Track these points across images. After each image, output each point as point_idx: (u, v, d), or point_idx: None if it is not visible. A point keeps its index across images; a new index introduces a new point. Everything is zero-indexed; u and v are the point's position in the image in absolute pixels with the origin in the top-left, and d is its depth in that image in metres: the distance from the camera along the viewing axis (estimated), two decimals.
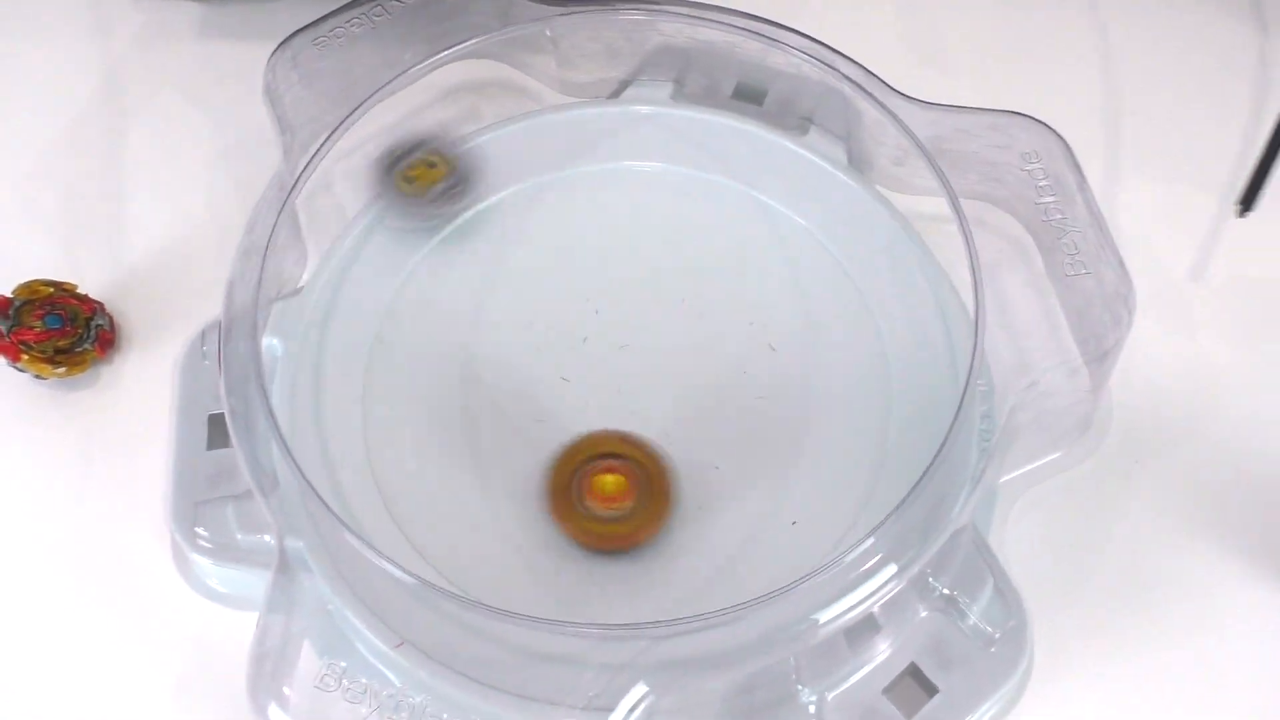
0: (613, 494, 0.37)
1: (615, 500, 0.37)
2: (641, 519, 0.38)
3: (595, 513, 0.38)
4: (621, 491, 0.38)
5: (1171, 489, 0.41)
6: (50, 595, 0.41)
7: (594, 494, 0.38)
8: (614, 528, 0.38)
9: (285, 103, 0.43)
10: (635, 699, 0.33)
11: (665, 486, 0.38)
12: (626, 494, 0.38)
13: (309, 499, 0.36)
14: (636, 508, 0.38)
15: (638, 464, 0.38)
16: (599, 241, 0.45)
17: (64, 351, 0.44)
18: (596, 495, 0.37)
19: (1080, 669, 0.38)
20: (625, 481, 0.38)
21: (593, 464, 0.38)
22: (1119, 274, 0.37)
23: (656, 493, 0.38)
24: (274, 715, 0.34)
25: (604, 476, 0.38)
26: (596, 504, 0.37)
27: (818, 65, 0.43)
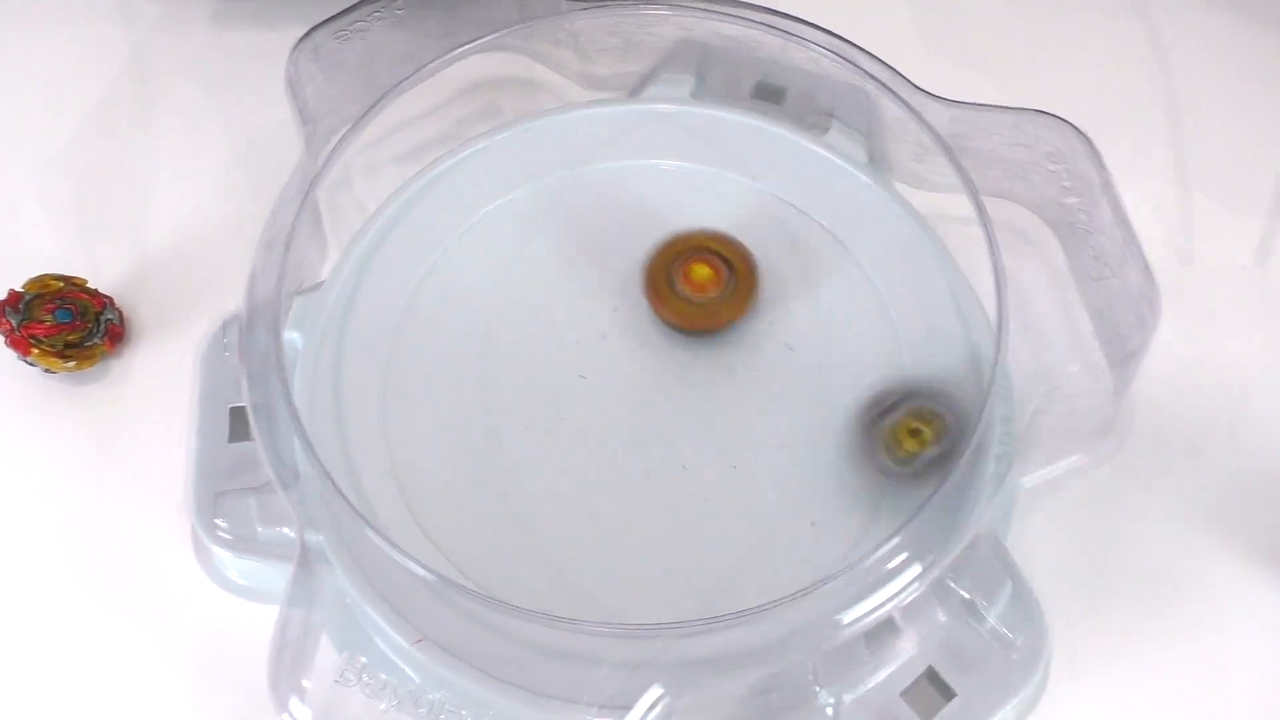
0: (703, 282, 0.42)
1: (705, 288, 0.42)
2: (728, 305, 0.42)
3: (688, 297, 0.42)
4: (711, 281, 0.42)
5: (1194, 493, 0.41)
6: (64, 588, 0.41)
7: (688, 280, 0.42)
8: (703, 309, 0.42)
9: (307, 94, 0.43)
10: (652, 699, 0.33)
11: (750, 279, 0.42)
12: (715, 283, 0.42)
13: (330, 494, 0.36)
14: (723, 295, 0.42)
15: (724, 259, 0.42)
16: (618, 239, 0.45)
17: (74, 346, 0.44)
18: (690, 282, 0.42)
19: (1098, 673, 0.38)
20: (713, 272, 0.42)
21: (687, 256, 0.42)
22: (1144, 276, 0.37)
23: (741, 283, 0.42)
24: (295, 708, 0.34)
25: (697, 265, 0.42)
26: (689, 290, 0.42)
27: (840, 62, 0.43)
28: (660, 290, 0.42)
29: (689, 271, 0.42)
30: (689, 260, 0.42)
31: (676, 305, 0.42)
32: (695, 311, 0.42)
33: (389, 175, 0.46)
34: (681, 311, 0.42)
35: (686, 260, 0.42)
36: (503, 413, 0.41)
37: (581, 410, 0.41)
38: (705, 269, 0.42)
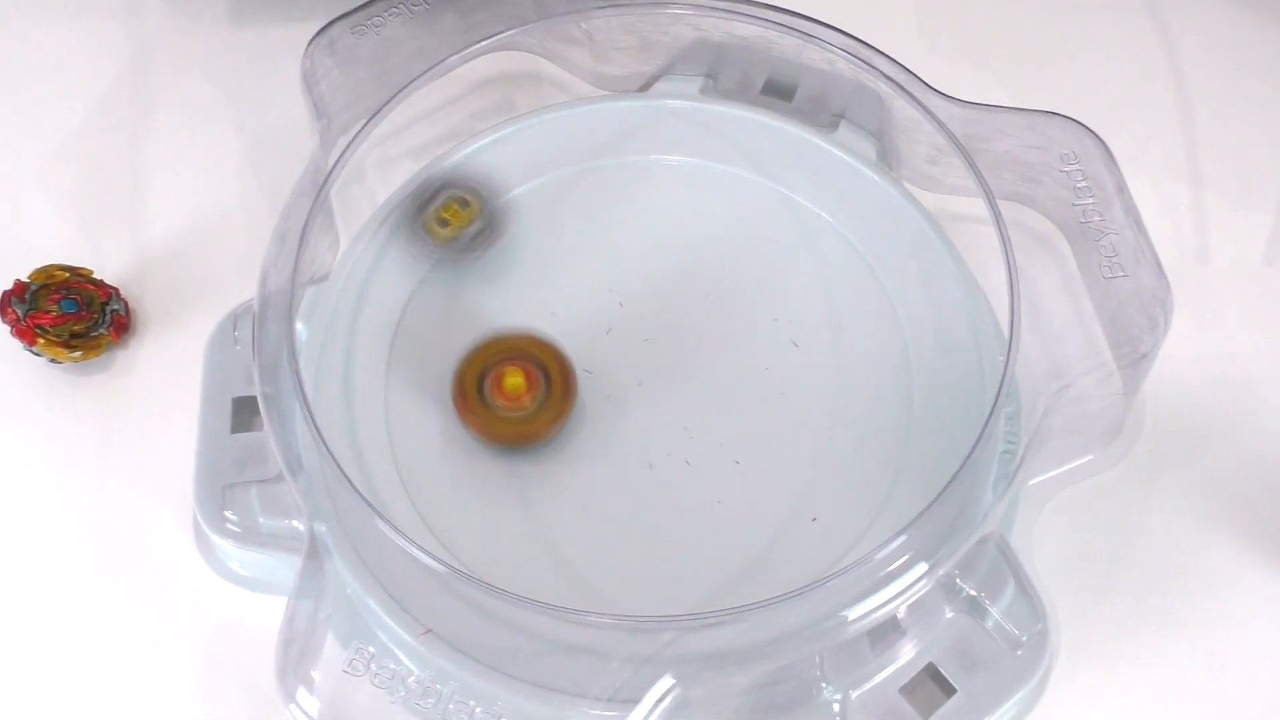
0: (514, 392, 0.39)
1: (518, 398, 0.39)
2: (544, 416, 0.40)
3: (500, 410, 0.40)
4: (523, 390, 0.39)
5: (1202, 495, 0.41)
6: (68, 579, 0.41)
7: (500, 392, 0.39)
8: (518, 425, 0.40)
9: (322, 88, 0.43)
10: (662, 691, 0.33)
11: (567, 385, 0.40)
12: (528, 392, 0.39)
13: (337, 485, 0.36)
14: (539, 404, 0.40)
15: (539, 364, 0.40)
16: (625, 234, 0.45)
17: (79, 336, 0.44)
18: (502, 393, 0.39)
19: (1102, 671, 0.38)
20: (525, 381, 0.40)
21: (498, 364, 0.40)
22: (1157, 277, 0.37)
23: (557, 391, 0.40)
24: (302, 699, 0.34)
25: (509, 375, 0.40)
26: (501, 401, 0.39)
27: (854, 62, 0.43)
28: (470, 401, 0.39)
29: (501, 380, 0.39)
30: (502, 367, 0.39)
31: (487, 418, 0.39)
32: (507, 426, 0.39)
33: (401, 168, 0.46)
34: (493, 426, 0.39)
35: (499, 368, 0.39)
36: None
37: (586, 405, 0.41)
38: (518, 378, 0.39)
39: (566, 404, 0.40)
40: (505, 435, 0.40)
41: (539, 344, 0.40)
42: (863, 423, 0.41)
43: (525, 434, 0.40)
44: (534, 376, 0.39)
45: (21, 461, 0.43)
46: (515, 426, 0.39)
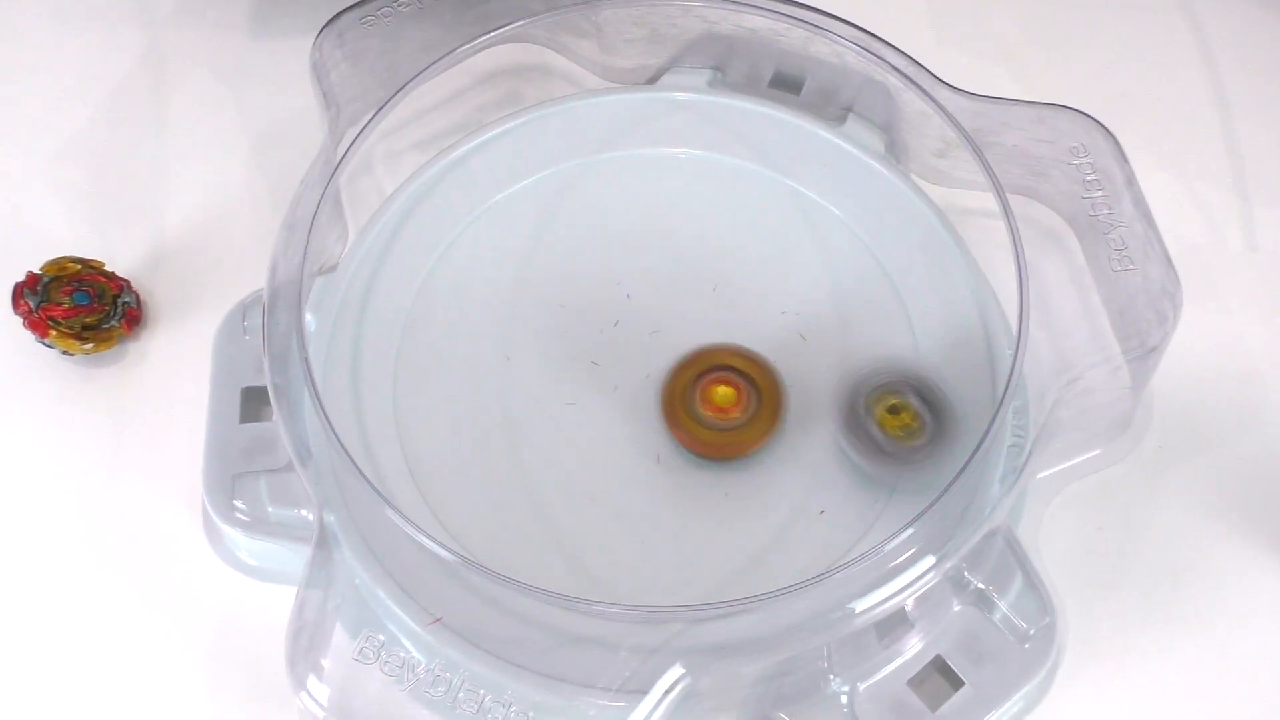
0: (724, 405, 0.39)
1: (727, 411, 0.39)
2: (752, 430, 0.39)
3: (708, 421, 0.39)
4: (732, 403, 0.39)
5: (1210, 488, 0.41)
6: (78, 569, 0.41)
7: (708, 403, 0.39)
8: (725, 436, 0.39)
9: (331, 79, 0.43)
10: (671, 681, 0.33)
11: (776, 400, 0.40)
12: (737, 405, 0.39)
13: (346, 474, 0.36)
14: (747, 418, 0.39)
15: (749, 378, 0.40)
16: (633, 227, 0.45)
17: (91, 328, 0.44)
18: (710, 405, 0.39)
19: (1109, 664, 0.38)
20: (736, 394, 0.39)
21: (708, 376, 0.40)
22: (1166, 271, 0.37)
23: (766, 405, 0.40)
24: (313, 687, 0.34)
25: (718, 387, 0.39)
26: (710, 413, 0.39)
27: (863, 55, 0.43)
28: (678, 415, 0.39)
29: (709, 393, 0.39)
30: (709, 381, 0.39)
31: (697, 431, 0.39)
32: (718, 438, 0.39)
33: (409, 161, 0.47)
34: (703, 438, 0.39)
35: (707, 380, 0.39)
36: (516, 397, 0.41)
37: (593, 396, 0.41)
38: (727, 390, 0.39)
39: (776, 418, 0.39)
40: (713, 447, 0.39)
41: (748, 357, 0.40)
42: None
43: (734, 446, 0.39)
44: (742, 389, 0.39)
45: (33, 453, 0.43)
46: (724, 437, 0.39)
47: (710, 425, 0.39)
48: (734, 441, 0.39)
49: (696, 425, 0.39)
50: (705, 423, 0.39)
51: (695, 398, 0.39)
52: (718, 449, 0.40)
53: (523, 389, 0.42)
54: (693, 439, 0.39)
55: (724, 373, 0.40)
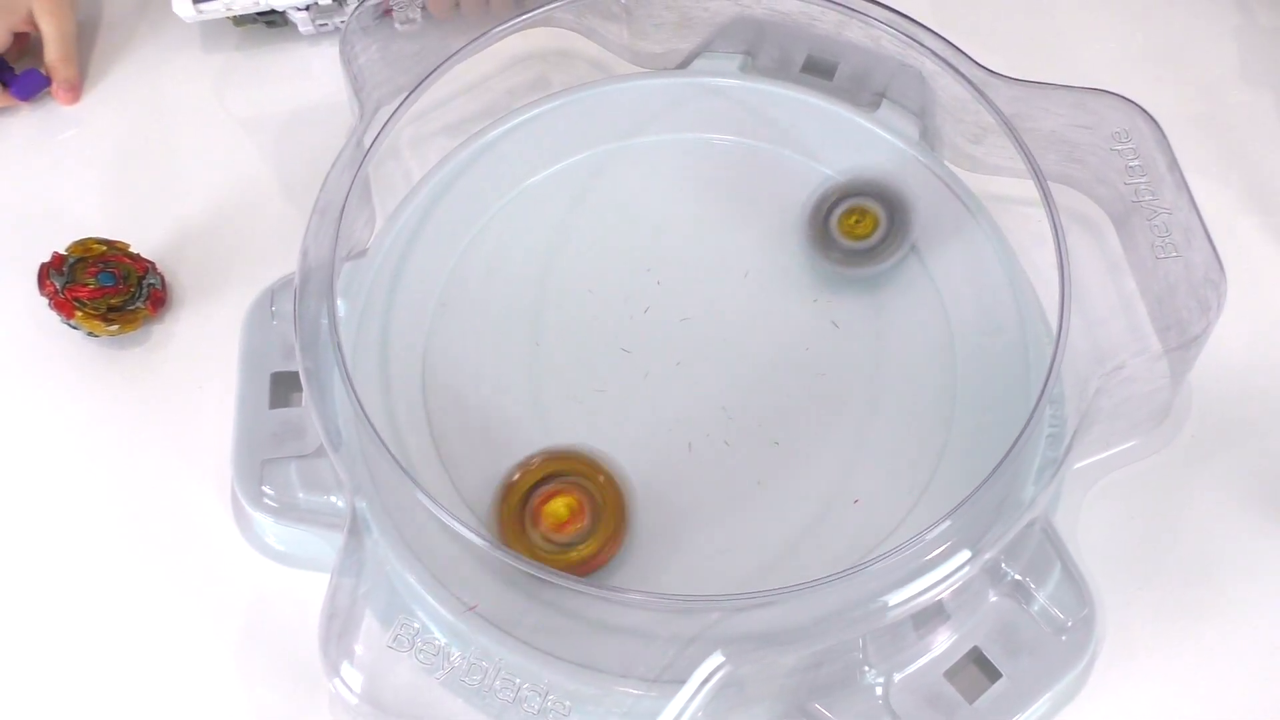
0: (565, 520, 0.36)
1: (568, 526, 0.36)
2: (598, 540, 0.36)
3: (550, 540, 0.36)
4: (573, 515, 0.36)
5: (1249, 480, 0.40)
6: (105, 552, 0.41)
7: (545, 522, 0.36)
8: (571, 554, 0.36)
9: (360, 63, 0.43)
10: (710, 669, 0.32)
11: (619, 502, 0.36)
12: (578, 517, 0.36)
13: (378, 459, 0.36)
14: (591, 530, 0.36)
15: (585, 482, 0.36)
16: (663, 212, 0.45)
17: (117, 309, 0.44)
18: (548, 523, 0.36)
19: (1147, 658, 0.38)
20: (575, 503, 0.36)
21: (539, 490, 0.37)
22: (1209, 259, 0.37)
23: (610, 511, 0.36)
24: (346, 673, 0.34)
25: (553, 502, 0.36)
26: (550, 531, 0.36)
27: (899, 38, 0.42)
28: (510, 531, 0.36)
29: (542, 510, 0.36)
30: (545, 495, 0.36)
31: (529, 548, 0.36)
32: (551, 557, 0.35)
33: (437, 146, 0.46)
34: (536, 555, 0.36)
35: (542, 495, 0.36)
36: (545, 383, 0.41)
37: (624, 383, 0.41)
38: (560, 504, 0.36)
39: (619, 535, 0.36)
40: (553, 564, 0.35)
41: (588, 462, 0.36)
42: (904, 404, 0.40)
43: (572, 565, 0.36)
44: (580, 503, 0.36)
45: (59, 435, 0.43)
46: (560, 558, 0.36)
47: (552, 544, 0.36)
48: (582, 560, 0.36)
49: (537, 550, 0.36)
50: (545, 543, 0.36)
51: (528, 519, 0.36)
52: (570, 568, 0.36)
53: (552, 375, 0.41)
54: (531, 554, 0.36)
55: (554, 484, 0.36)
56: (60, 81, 0.50)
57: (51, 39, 0.50)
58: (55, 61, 0.50)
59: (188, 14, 0.48)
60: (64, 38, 0.50)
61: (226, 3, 0.49)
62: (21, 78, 0.50)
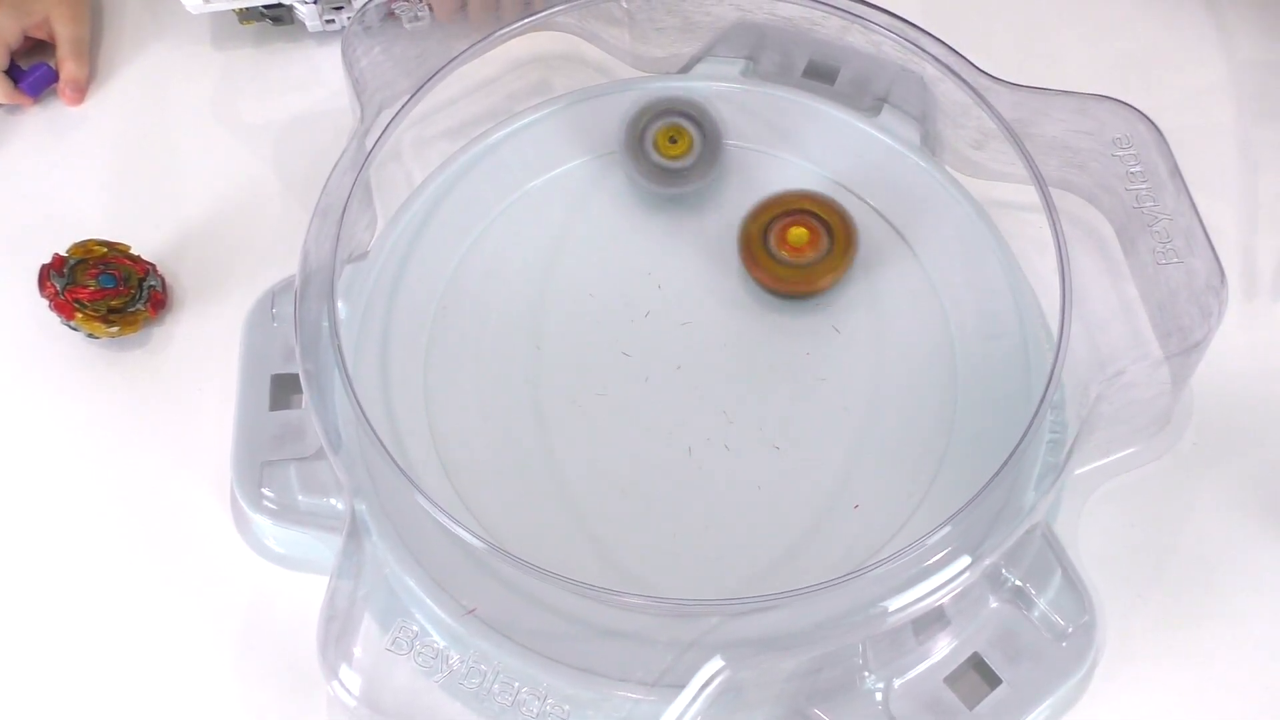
0: (799, 244, 0.42)
1: (802, 250, 0.42)
2: (825, 266, 0.42)
3: (784, 259, 0.42)
4: (806, 242, 0.42)
5: (1250, 488, 0.40)
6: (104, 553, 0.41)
7: (785, 243, 0.42)
8: (801, 273, 0.42)
9: (362, 66, 0.43)
10: (710, 674, 0.32)
11: (848, 238, 0.42)
12: (811, 244, 0.42)
13: (378, 462, 0.36)
14: (820, 256, 0.42)
15: (822, 220, 0.42)
16: (664, 216, 0.44)
17: (117, 311, 0.44)
18: (787, 244, 0.42)
19: (1148, 666, 0.38)
20: (808, 234, 0.42)
21: (783, 219, 0.42)
22: (1211, 265, 0.37)
23: (838, 244, 0.42)
24: (345, 676, 0.34)
25: (794, 228, 0.42)
26: (786, 252, 0.42)
27: (900, 43, 0.42)
28: (755, 253, 0.42)
29: (786, 234, 0.42)
30: (786, 223, 0.42)
31: (773, 268, 0.42)
32: (792, 274, 0.42)
33: (439, 148, 0.46)
34: (779, 274, 0.42)
35: (784, 223, 0.42)
36: (546, 387, 0.41)
37: (624, 387, 0.41)
38: (802, 231, 0.42)
39: (848, 256, 0.42)
40: (789, 284, 0.42)
41: (821, 202, 0.43)
42: (905, 409, 0.40)
43: (809, 281, 0.42)
44: (816, 230, 0.42)
45: (58, 436, 0.43)
46: (800, 274, 0.41)
47: (787, 264, 0.42)
48: (808, 277, 0.42)
49: (774, 264, 0.42)
50: (782, 261, 0.42)
51: (772, 240, 0.42)
52: (793, 285, 0.42)
53: (553, 378, 0.41)
54: (772, 277, 0.42)
55: (799, 215, 0.42)
56: (68, 80, 0.50)
57: (65, 40, 0.50)
58: (65, 60, 0.50)
59: (195, 6, 0.48)
60: (78, 41, 0.51)
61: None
62: (31, 72, 0.50)
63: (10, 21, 0.49)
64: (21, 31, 0.50)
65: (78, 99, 0.50)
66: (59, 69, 0.50)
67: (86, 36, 0.51)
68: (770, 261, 0.42)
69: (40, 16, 0.50)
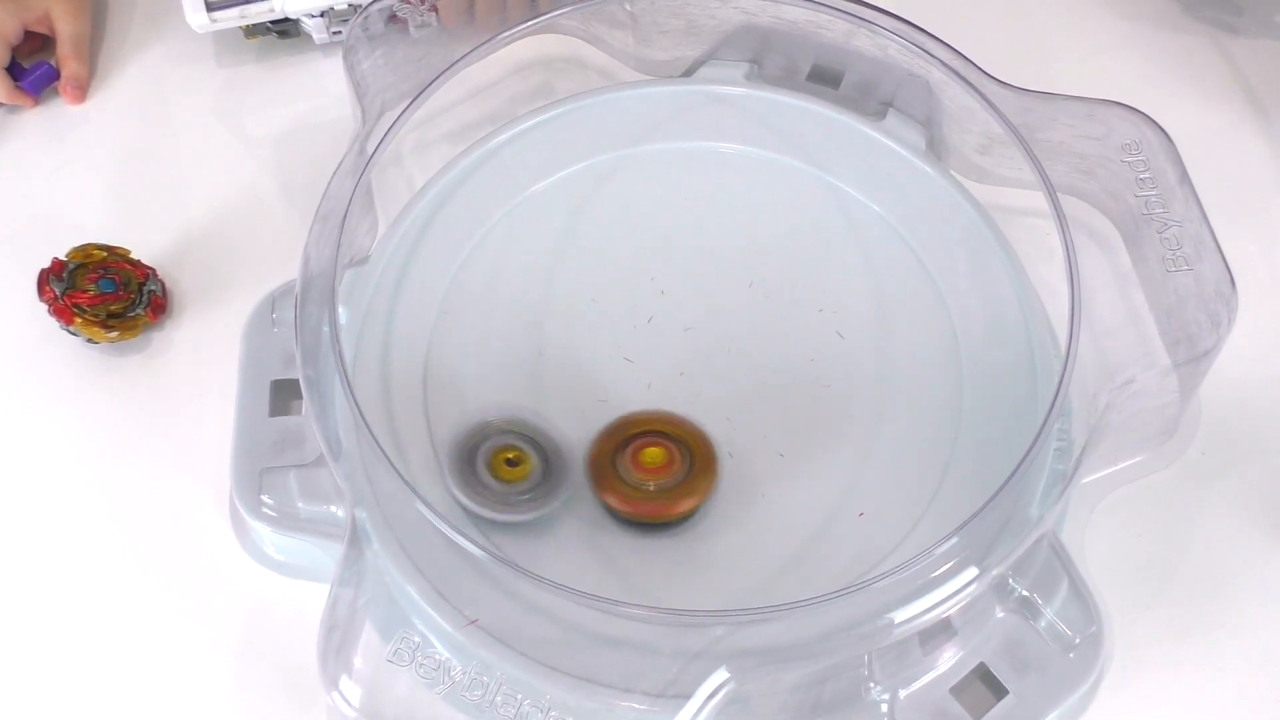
0: (655, 466, 0.38)
1: (657, 472, 0.38)
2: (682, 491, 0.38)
3: (637, 483, 0.38)
4: (663, 464, 0.38)
5: (1259, 496, 0.40)
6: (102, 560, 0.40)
7: (639, 465, 0.38)
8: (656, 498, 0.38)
9: (364, 68, 0.43)
10: (715, 685, 0.32)
11: (709, 462, 0.38)
12: (668, 466, 0.38)
13: (379, 469, 0.36)
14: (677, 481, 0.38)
15: (680, 442, 0.39)
16: (667, 221, 0.44)
17: (117, 316, 0.43)
18: (641, 466, 0.38)
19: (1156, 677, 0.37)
20: (665, 454, 0.38)
21: (638, 440, 0.38)
22: (1220, 273, 0.36)
23: (699, 469, 0.38)
24: (345, 687, 0.33)
25: (649, 449, 0.38)
26: (639, 475, 0.38)
27: (907, 47, 0.42)
28: (606, 476, 0.38)
29: (639, 455, 0.38)
30: (640, 444, 0.38)
31: (624, 491, 0.38)
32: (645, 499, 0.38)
33: (440, 152, 0.46)
34: (630, 498, 0.38)
35: (637, 444, 0.38)
36: (547, 394, 0.41)
37: (627, 394, 0.40)
38: (658, 451, 0.38)
39: (707, 481, 0.38)
40: (644, 510, 0.38)
41: (677, 422, 0.39)
42: (910, 416, 0.40)
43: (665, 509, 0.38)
44: (673, 452, 0.38)
45: (57, 441, 0.43)
46: (655, 500, 0.38)
47: (641, 487, 0.38)
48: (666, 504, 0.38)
49: (627, 487, 0.38)
50: (636, 485, 0.38)
51: (625, 462, 0.38)
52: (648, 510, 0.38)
53: (555, 384, 0.41)
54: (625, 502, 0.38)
55: (653, 437, 0.38)
56: (69, 78, 0.50)
57: (66, 38, 0.50)
58: (67, 57, 0.50)
59: (201, 24, 0.48)
60: (78, 38, 0.51)
61: (241, 11, 0.48)
62: (32, 70, 0.50)
63: (10, 17, 0.49)
64: (22, 27, 0.50)
65: (79, 97, 0.50)
66: (60, 66, 0.50)
67: (87, 33, 0.51)
68: (622, 485, 0.38)
69: (41, 12, 0.50)
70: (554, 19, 0.44)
